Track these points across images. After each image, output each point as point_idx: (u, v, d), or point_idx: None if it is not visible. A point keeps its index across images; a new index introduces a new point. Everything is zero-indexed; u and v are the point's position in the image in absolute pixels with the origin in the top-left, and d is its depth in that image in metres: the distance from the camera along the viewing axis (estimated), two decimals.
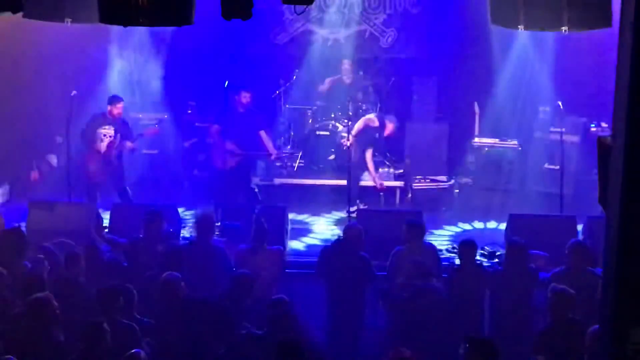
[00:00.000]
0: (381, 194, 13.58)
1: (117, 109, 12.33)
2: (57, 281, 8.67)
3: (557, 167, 12.45)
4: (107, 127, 12.33)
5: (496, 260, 10.68)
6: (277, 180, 14.05)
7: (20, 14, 8.76)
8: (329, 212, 13.43)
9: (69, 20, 9.29)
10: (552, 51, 13.42)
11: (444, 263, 10.07)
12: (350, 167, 12.80)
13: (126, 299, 8.00)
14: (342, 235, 9.75)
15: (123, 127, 12.43)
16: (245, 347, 7.74)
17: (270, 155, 12.94)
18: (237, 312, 8.25)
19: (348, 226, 9.86)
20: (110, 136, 12.28)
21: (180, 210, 12.11)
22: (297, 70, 15.12)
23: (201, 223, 9.80)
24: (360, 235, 9.49)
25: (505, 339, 8.44)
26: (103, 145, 12.27)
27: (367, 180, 13.68)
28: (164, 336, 8.04)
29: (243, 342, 7.80)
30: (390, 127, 13.36)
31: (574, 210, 11.78)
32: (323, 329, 9.17)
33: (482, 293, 9.15)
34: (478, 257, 9.76)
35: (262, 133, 12.69)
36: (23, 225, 10.90)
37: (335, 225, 12.87)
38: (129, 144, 12.41)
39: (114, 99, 12.43)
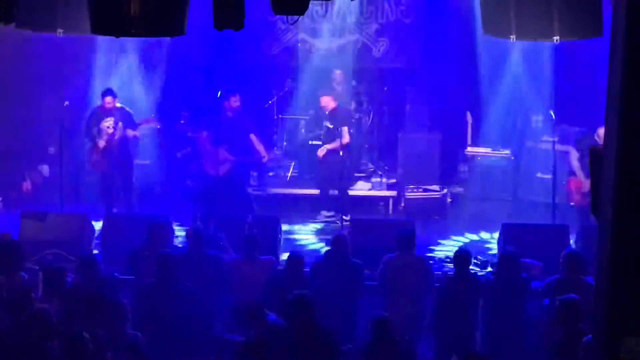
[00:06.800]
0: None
1: (107, 102, 12.21)
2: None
3: (550, 176, 12.45)
4: (107, 119, 12.29)
5: (489, 269, 10.66)
6: (270, 190, 14.02)
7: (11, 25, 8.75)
8: (321, 222, 13.38)
9: (61, 31, 9.28)
10: (545, 60, 13.43)
11: (436, 273, 10.05)
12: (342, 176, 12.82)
13: (116, 314, 7.93)
14: (330, 247, 9.73)
15: (124, 116, 12.37)
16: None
17: (263, 158, 12.93)
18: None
19: (335, 236, 9.86)
20: (111, 127, 12.23)
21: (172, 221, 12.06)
22: (289, 80, 15.10)
23: (193, 233, 9.79)
24: (347, 243, 9.53)
25: (497, 347, 8.44)
26: (105, 139, 12.21)
27: (358, 190, 13.75)
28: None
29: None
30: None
31: (566, 219, 11.78)
32: None
33: (475, 302, 9.14)
34: (471, 267, 9.74)
35: (253, 136, 12.67)
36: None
37: (328, 235, 12.82)
38: (130, 131, 12.33)
39: (104, 93, 12.35)
